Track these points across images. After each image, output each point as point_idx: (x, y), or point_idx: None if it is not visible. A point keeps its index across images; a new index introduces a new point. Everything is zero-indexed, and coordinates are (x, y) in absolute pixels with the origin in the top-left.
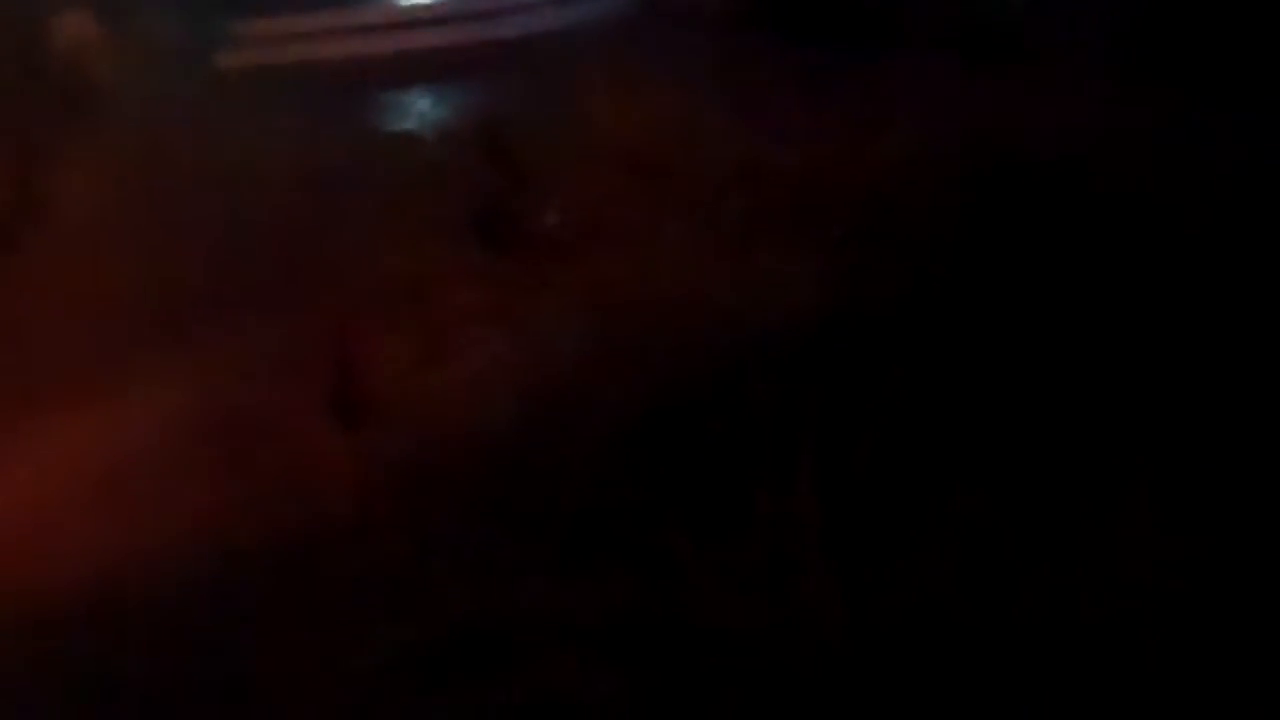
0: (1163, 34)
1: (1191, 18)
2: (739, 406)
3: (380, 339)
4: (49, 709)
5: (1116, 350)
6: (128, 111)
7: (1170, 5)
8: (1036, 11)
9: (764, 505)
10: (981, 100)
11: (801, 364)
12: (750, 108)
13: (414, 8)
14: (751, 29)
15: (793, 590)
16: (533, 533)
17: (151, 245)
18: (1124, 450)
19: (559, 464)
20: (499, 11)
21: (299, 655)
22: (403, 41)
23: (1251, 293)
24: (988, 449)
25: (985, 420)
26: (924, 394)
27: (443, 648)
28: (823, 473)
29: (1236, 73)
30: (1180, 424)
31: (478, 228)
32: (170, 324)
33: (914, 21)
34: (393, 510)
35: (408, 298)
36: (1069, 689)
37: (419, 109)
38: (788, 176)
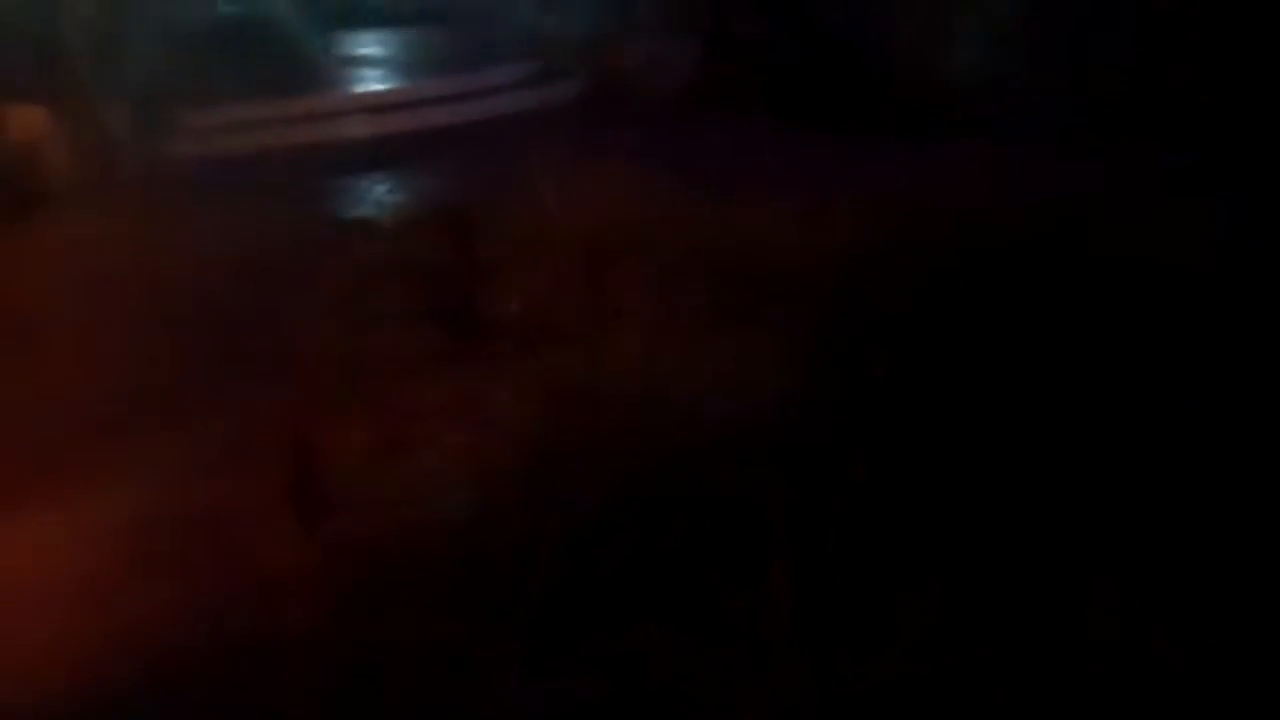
0: (1129, 104)
1: (1162, 88)
2: (705, 496)
3: (337, 431)
4: None
5: (1085, 432)
6: (79, 205)
7: (1139, 77)
8: (997, 86)
9: (736, 597)
10: (943, 176)
11: (767, 452)
12: (706, 190)
13: (367, 94)
14: (702, 109)
15: (767, 681)
16: (497, 631)
17: (103, 340)
18: (1094, 532)
19: (523, 559)
20: (453, 97)
21: None
22: (357, 128)
23: (1223, 365)
24: (959, 533)
25: (956, 504)
26: (893, 479)
27: None
28: (794, 562)
29: (1204, 141)
30: (1149, 505)
31: (436, 316)
32: (121, 420)
33: (870, 97)
34: (350, 608)
35: (365, 389)
36: None
37: (374, 196)
38: (748, 260)
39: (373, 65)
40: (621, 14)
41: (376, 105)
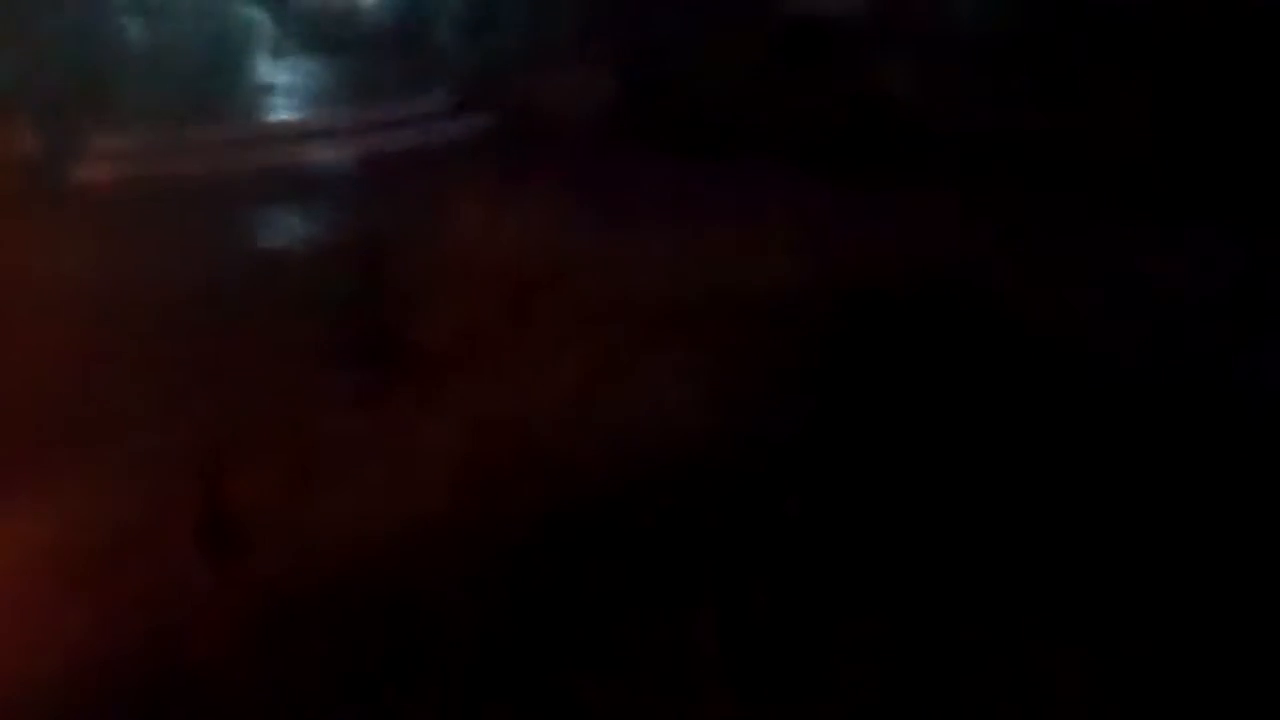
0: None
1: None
2: (633, 531)
3: (250, 465)
4: None
5: (1018, 474)
6: None
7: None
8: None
9: (663, 636)
10: (860, 213)
11: (696, 486)
12: (623, 222)
13: (283, 124)
14: (617, 141)
15: None
16: (414, 675)
17: (7, 371)
18: (1028, 574)
19: (440, 599)
20: (370, 127)
21: None
22: (273, 157)
23: (1145, 412)
24: (889, 575)
25: (885, 545)
26: (821, 518)
27: None
28: (723, 601)
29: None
30: (1081, 539)
31: (351, 349)
32: (28, 452)
33: (777, 133)
34: (260, 646)
35: (279, 422)
36: None
37: (288, 226)
38: (664, 293)
39: (289, 94)
40: (538, 47)
41: (292, 134)
